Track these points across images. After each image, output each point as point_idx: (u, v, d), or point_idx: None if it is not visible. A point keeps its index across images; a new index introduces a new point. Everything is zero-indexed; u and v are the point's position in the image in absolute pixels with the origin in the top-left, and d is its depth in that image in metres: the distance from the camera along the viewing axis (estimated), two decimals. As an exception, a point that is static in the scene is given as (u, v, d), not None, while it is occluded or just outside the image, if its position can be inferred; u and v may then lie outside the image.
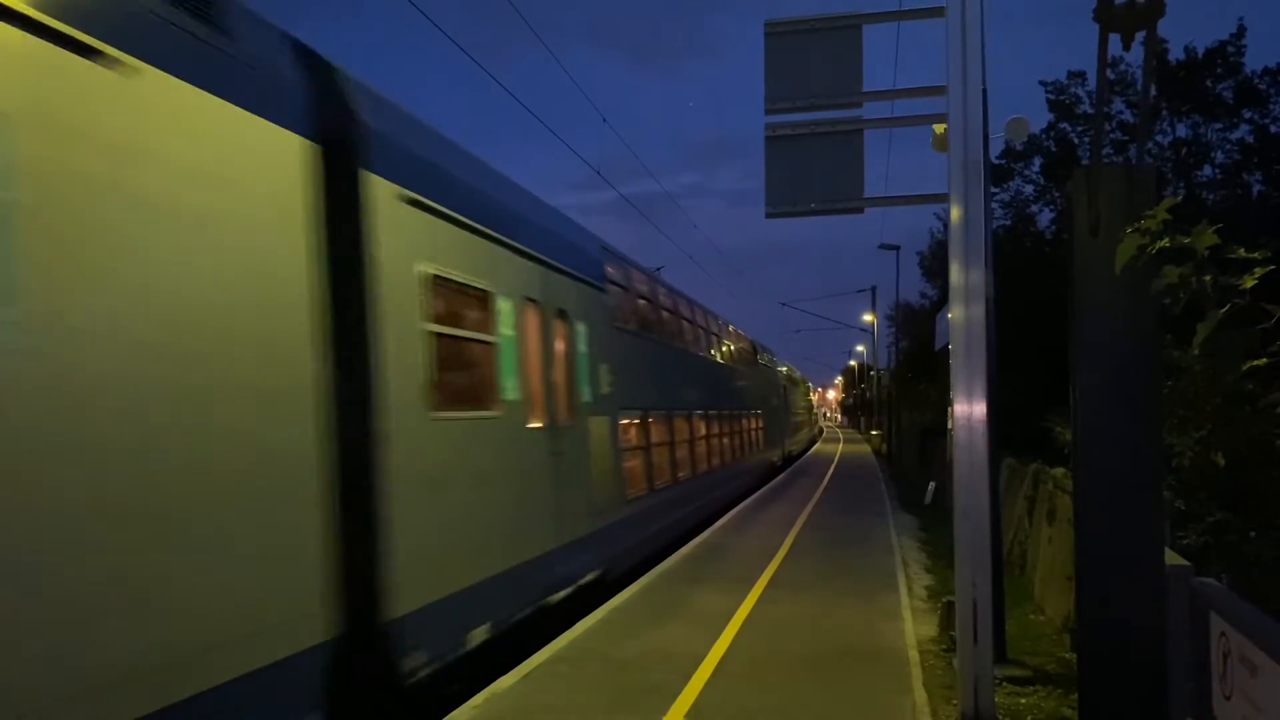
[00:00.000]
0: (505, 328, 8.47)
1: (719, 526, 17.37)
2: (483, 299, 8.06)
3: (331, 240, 5.77)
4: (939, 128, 6.84)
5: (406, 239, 6.70)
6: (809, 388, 66.28)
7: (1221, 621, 3.96)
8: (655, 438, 14.87)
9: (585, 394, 10.89)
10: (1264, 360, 3.73)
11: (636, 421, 13.84)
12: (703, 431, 19.02)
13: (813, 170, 7.07)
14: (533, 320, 9.27)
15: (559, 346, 10.04)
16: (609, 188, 19.94)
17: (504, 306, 8.45)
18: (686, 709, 6.75)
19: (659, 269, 18.87)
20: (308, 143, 5.62)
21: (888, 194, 8.15)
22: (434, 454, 6.88)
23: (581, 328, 10.82)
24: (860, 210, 7.27)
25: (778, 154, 7.15)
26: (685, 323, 18.40)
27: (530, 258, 9.18)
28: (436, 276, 7.08)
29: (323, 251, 5.68)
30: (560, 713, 6.78)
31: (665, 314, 16.62)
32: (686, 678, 7.47)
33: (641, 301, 14.83)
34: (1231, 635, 3.79)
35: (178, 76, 4.59)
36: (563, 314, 10.17)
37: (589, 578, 10.47)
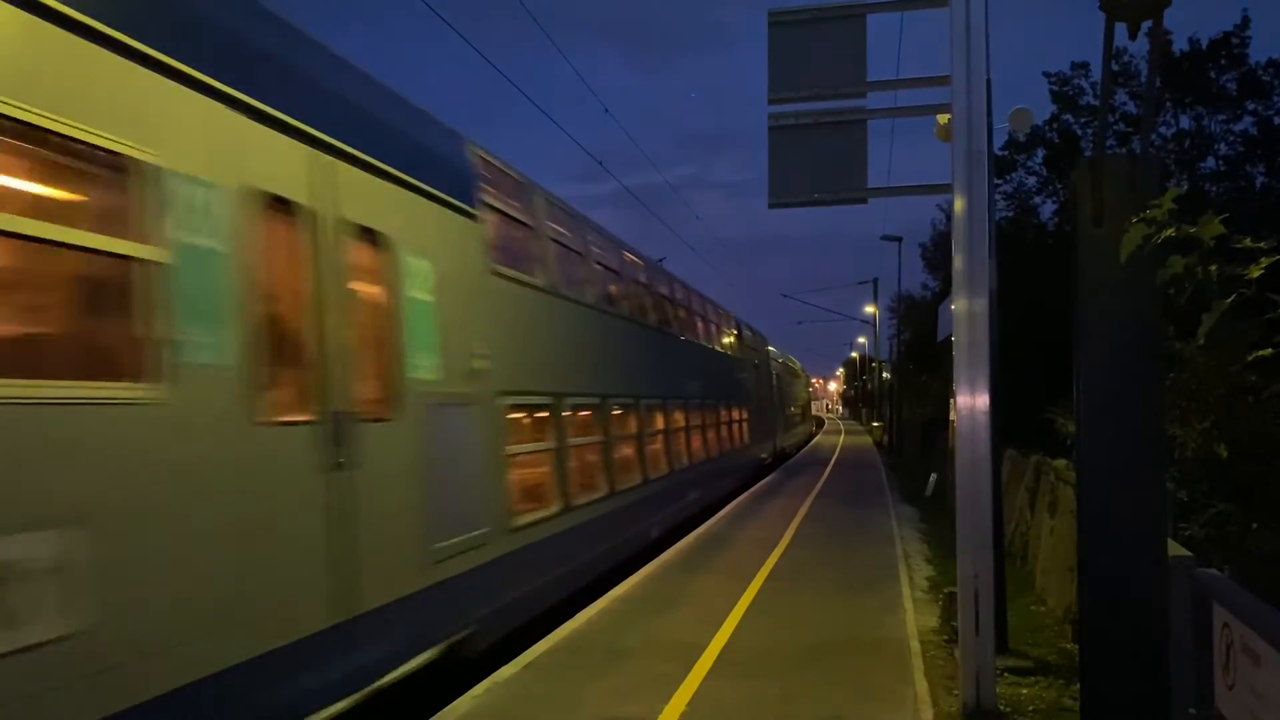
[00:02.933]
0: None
1: (719, 518, 17.39)
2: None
3: None
4: (943, 118, 6.82)
5: None
6: (775, 352, 37.37)
7: (1225, 612, 3.96)
8: None
9: None
10: (1269, 351, 3.72)
11: None
12: None
13: (816, 161, 7.04)
14: None
15: None
16: (609, 179, 19.89)
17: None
18: (688, 698, 6.77)
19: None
20: None
21: (891, 184, 8.11)
22: None
23: None
24: (864, 200, 7.24)
25: (780, 144, 7.12)
26: None
27: None
28: None
29: None
30: (561, 702, 6.79)
31: None
32: (688, 667, 7.48)
33: None
34: (1235, 626, 3.80)
35: None
36: None
37: None
